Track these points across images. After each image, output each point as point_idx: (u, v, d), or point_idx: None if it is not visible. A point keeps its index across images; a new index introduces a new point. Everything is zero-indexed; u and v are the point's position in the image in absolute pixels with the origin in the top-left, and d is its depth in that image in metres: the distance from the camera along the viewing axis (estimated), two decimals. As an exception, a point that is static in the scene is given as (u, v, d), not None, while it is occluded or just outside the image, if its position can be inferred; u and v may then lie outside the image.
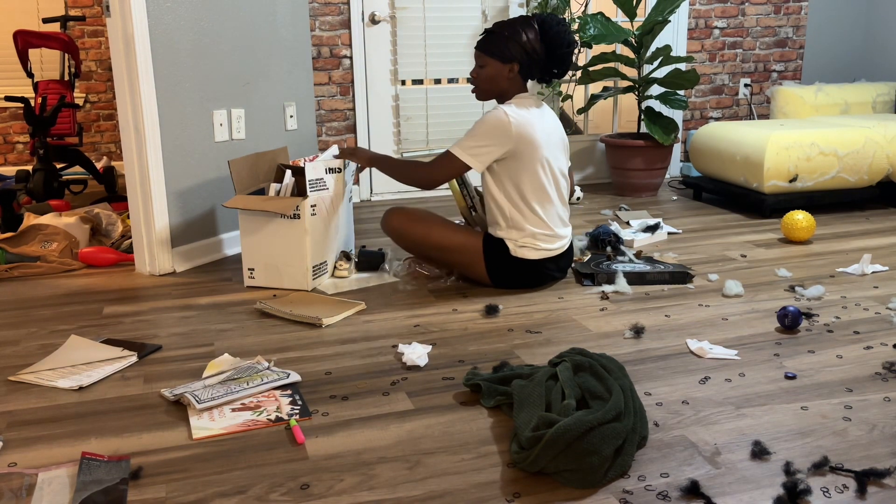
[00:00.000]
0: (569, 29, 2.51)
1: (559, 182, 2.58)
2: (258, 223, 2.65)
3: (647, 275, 2.67)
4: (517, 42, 2.48)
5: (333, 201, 2.75)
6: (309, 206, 2.59)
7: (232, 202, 2.64)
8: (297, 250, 2.63)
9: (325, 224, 2.71)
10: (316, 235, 2.66)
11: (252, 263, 2.70)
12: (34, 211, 3.44)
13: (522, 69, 2.52)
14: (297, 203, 2.57)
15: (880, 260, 2.95)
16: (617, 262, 2.85)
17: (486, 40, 2.52)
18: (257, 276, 2.71)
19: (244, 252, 2.70)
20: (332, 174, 2.72)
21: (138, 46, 2.70)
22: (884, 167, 3.75)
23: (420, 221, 2.65)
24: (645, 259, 2.90)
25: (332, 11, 4.10)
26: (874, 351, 2.07)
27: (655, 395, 1.82)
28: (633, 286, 2.66)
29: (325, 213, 2.70)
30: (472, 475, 1.48)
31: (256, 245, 2.67)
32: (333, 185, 2.73)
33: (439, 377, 1.94)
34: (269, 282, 2.70)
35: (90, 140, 5.54)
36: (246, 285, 2.73)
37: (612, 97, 4.64)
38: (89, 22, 5.41)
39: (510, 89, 2.55)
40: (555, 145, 2.56)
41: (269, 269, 2.68)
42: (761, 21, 4.81)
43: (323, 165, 2.67)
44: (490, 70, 2.52)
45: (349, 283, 2.73)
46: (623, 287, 2.60)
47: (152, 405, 1.81)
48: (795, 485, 1.39)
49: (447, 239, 2.61)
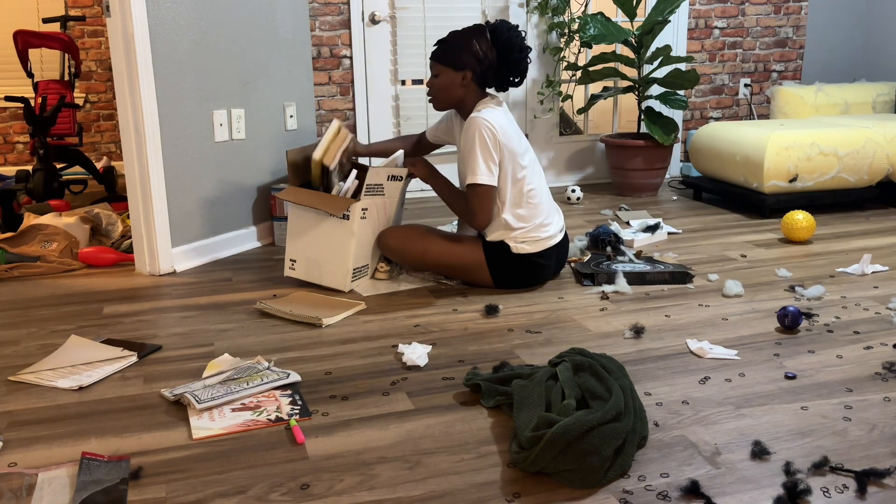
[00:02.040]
0: (520, 35, 2.57)
1: (540, 169, 2.68)
2: (307, 217, 2.64)
3: (647, 275, 2.67)
4: (468, 50, 2.53)
5: (386, 208, 2.72)
6: (360, 209, 2.57)
7: (285, 194, 2.64)
8: (340, 251, 2.61)
9: (373, 229, 2.68)
10: (362, 239, 2.63)
11: (295, 255, 2.69)
12: (34, 211, 3.44)
13: (476, 76, 2.57)
14: (349, 205, 2.55)
15: (880, 260, 2.95)
16: (617, 262, 2.85)
17: (438, 50, 2.58)
18: (298, 268, 2.69)
19: (289, 243, 2.69)
20: (393, 181, 2.69)
21: (138, 46, 2.70)
22: (884, 167, 3.75)
23: (416, 239, 2.64)
24: (645, 259, 2.89)
25: (332, 11, 4.10)
26: (874, 351, 2.07)
27: (655, 395, 1.82)
28: (633, 286, 2.66)
29: (375, 217, 2.67)
30: (472, 475, 1.48)
31: (302, 238, 2.66)
32: (389, 192, 2.70)
33: (439, 377, 1.94)
34: (309, 276, 2.68)
35: (90, 140, 5.54)
36: (285, 275, 2.72)
37: (612, 97, 4.64)
38: (89, 22, 5.41)
39: (466, 97, 2.60)
40: (521, 135, 2.63)
41: (311, 264, 2.67)
42: (761, 21, 4.81)
43: (386, 172, 2.64)
44: (444, 79, 2.58)
45: (386, 285, 2.70)
46: (623, 287, 2.60)
47: (152, 405, 1.81)
48: (795, 485, 1.39)
49: (447, 252, 2.62)
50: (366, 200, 2.59)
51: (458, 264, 2.62)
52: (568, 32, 4.28)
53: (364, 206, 2.59)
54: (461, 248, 2.62)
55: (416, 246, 2.63)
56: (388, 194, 2.70)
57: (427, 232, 2.66)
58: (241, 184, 3.23)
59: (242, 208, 3.26)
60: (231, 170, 3.17)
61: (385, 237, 2.68)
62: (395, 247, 2.66)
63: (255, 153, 3.29)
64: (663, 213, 3.84)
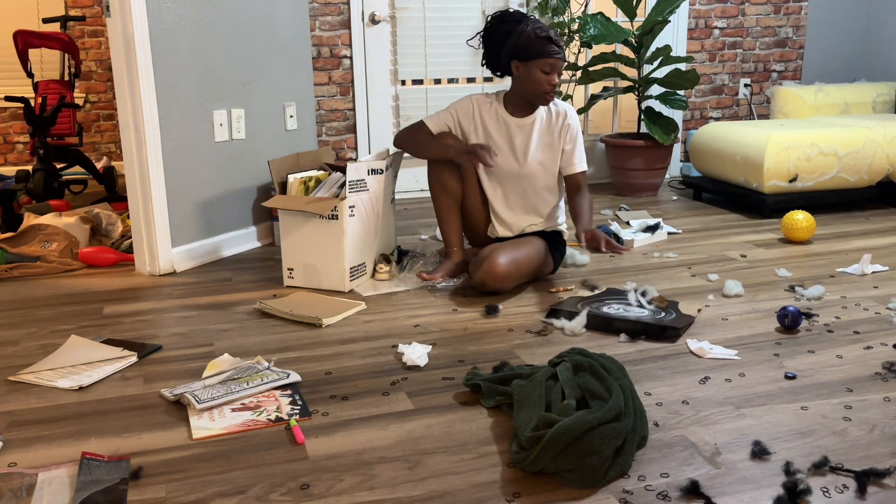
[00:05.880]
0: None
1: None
2: (297, 223, 2.64)
3: (614, 322, 2.23)
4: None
5: (374, 203, 2.72)
6: (347, 207, 2.57)
7: (271, 202, 2.65)
8: (335, 252, 2.61)
9: (364, 225, 2.68)
10: (355, 237, 2.64)
11: (291, 263, 2.69)
12: (34, 211, 3.44)
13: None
14: (335, 204, 2.55)
15: (880, 260, 2.95)
16: (622, 301, 2.41)
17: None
18: (296, 276, 2.70)
19: (284, 252, 2.70)
20: (374, 175, 2.69)
21: (138, 46, 2.70)
22: (884, 167, 3.75)
23: (520, 260, 2.55)
24: (655, 306, 2.36)
25: (332, 11, 4.10)
26: (874, 351, 2.07)
27: (655, 395, 1.82)
28: (592, 330, 2.26)
29: (364, 214, 2.67)
30: (472, 475, 1.48)
31: (296, 245, 2.66)
32: (373, 187, 2.70)
33: (439, 377, 1.94)
34: (308, 282, 2.68)
35: (90, 140, 5.54)
36: (285, 285, 2.72)
37: (612, 97, 4.64)
38: (89, 22, 5.41)
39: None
40: None
41: (308, 270, 2.67)
42: (761, 21, 4.81)
43: (365, 166, 2.64)
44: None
45: (388, 285, 2.70)
46: (575, 326, 2.24)
47: (152, 405, 1.81)
48: (795, 485, 1.39)
49: (535, 254, 2.62)
50: (352, 197, 2.59)
51: (540, 260, 2.66)
52: (568, 32, 4.28)
53: (351, 204, 2.59)
54: (535, 245, 2.64)
55: (522, 265, 2.56)
56: (373, 189, 2.70)
57: (510, 247, 2.58)
58: (241, 184, 3.23)
59: (242, 208, 3.26)
60: (231, 170, 3.17)
61: (492, 271, 2.48)
62: (509, 272, 2.51)
63: (255, 153, 3.29)
64: (663, 213, 3.84)
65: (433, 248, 3.17)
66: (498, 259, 2.49)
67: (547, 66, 2.50)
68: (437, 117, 2.70)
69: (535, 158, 2.66)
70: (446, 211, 2.72)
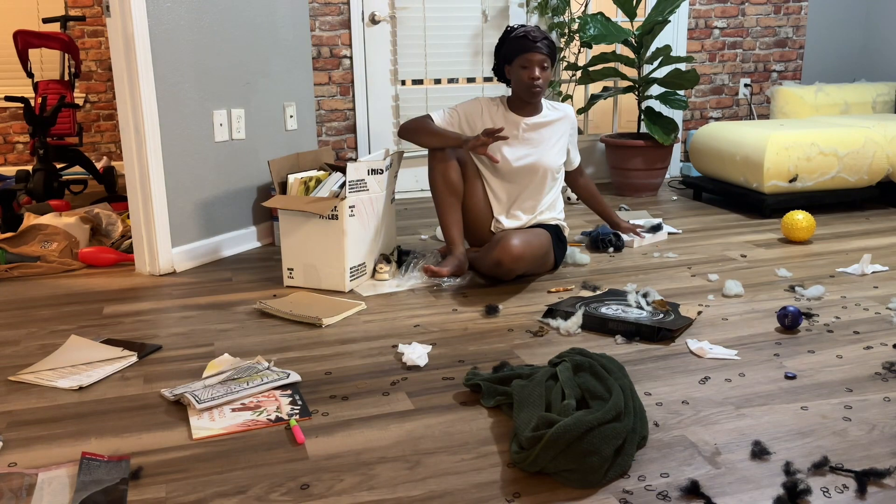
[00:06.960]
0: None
1: None
2: (297, 223, 2.64)
3: (609, 322, 2.22)
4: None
5: (374, 203, 2.72)
6: (347, 206, 2.57)
7: (271, 202, 2.65)
8: (335, 252, 2.61)
9: (364, 225, 2.68)
10: (355, 237, 2.63)
11: (291, 263, 2.69)
12: (34, 211, 3.44)
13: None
14: (335, 203, 2.55)
15: (880, 260, 2.95)
16: (621, 302, 2.40)
17: (551, 46, 2.66)
18: (296, 276, 2.70)
19: (283, 252, 2.70)
20: (375, 175, 2.69)
21: (138, 46, 2.70)
22: (884, 167, 3.75)
23: (533, 244, 2.60)
24: (655, 309, 2.34)
25: (332, 11, 4.10)
26: (874, 351, 2.07)
27: (655, 395, 1.82)
28: (587, 330, 2.25)
29: (364, 214, 2.67)
30: (472, 475, 1.48)
31: (296, 245, 2.66)
32: (373, 188, 2.70)
33: (439, 377, 1.94)
34: (308, 282, 2.69)
35: (90, 140, 5.54)
36: (285, 285, 2.72)
37: (612, 97, 4.64)
38: (89, 22, 5.41)
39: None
40: None
41: (308, 270, 2.67)
42: (761, 21, 4.81)
43: (365, 166, 2.64)
44: (548, 73, 2.69)
45: (388, 285, 2.70)
46: (571, 326, 2.24)
47: (152, 405, 1.81)
48: (795, 485, 1.39)
49: (546, 243, 2.69)
50: (351, 197, 2.59)
51: (547, 252, 2.71)
52: (568, 32, 4.28)
53: (351, 204, 2.59)
54: (543, 236, 2.69)
55: (534, 247, 2.60)
56: (373, 189, 2.70)
57: (521, 232, 2.62)
58: (241, 184, 3.23)
59: (242, 208, 3.26)
60: (231, 170, 3.17)
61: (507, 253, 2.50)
62: (523, 254, 2.53)
63: (256, 153, 3.29)
64: (663, 213, 3.84)
65: (433, 247, 3.17)
66: (512, 240, 2.54)
67: (525, 61, 2.63)
68: (443, 112, 2.78)
69: (540, 154, 2.75)
70: (448, 208, 2.73)
